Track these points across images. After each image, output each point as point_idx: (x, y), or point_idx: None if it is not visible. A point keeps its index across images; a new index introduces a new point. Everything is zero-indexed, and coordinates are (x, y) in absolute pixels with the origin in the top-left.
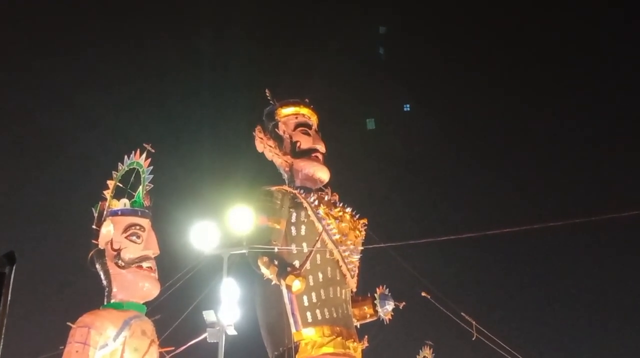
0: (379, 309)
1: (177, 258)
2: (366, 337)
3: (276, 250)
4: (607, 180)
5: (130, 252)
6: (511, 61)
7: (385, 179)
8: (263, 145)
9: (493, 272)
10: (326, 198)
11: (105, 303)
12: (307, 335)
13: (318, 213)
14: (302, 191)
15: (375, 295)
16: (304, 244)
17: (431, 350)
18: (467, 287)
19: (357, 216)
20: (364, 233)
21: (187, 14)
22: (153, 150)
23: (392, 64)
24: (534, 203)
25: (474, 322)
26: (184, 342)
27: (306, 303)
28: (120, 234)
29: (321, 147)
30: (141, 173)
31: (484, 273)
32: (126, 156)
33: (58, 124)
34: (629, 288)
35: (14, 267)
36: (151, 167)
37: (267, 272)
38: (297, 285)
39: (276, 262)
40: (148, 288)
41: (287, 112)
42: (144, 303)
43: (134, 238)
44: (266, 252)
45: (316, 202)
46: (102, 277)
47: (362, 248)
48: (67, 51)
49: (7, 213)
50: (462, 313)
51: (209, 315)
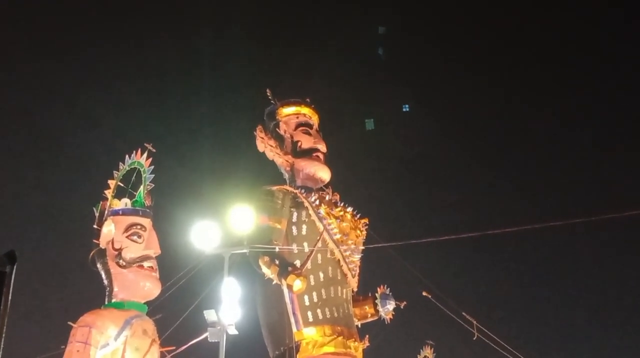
0: (380, 309)
1: (178, 257)
2: (367, 336)
3: (277, 249)
4: (607, 180)
5: (132, 251)
6: (511, 61)
7: (386, 179)
8: (264, 144)
9: (493, 272)
10: (327, 197)
11: (106, 302)
12: (308, 334)
13: (319, 213)
14: (303, 191)
15: (376, 294)
16: (305, 244)
17: (432, 349)
18: (467, 287)
19: (358, 216)
20: (365, 232)
21: (187, 14)
22: (154, 150)
23: (392, 64)
24: (534, 203)
25: (474, 322)
26: (185, 341)
27: (307, 303)
28: (122, 234)
29: (322, 147)
30: (142, 172)
31: (484, 273)
32: (127, 156)
33: (58, 124)
34: (629, 288)
35: (15, 266)
36: (152, 167)
37: (268, 272)
38: (298, 284)
39: (277, 262)
40: (149, 287)
41: (288, 112)
42: (145, 303)
43: (135, 237)
44: (267, 251)
45: (317, 202)
46: (103, 276)
47: (363, 247)
48: (67, 51)
49: (7, 213)
50: (463, 313)
51: (210, 315)
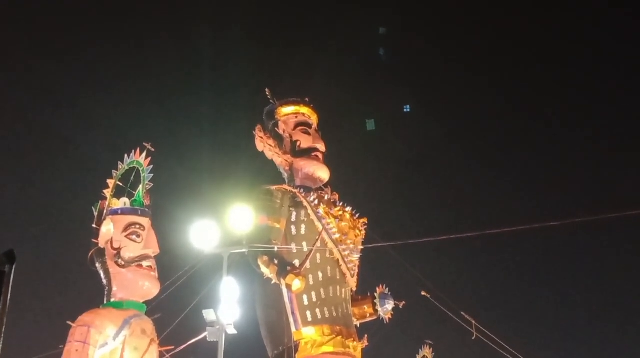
0: (379, 308)
1: (177, 257)
2: (366, 336)
3: (276, 249)
4: (607, 180)
5: (130, 251)
6: (511, 61)
7: (385, 179)
8: (263, 144)
9: (493, 272)
10: (326, 197)
11: (105, 302)
12: (307, 334)
13: (318, 213)
14: (302, 190)
15: (375, 294)
16: (304, 243)
17: (431, 349)
18: (466, 287)
19: (357, 215)
20: (364, 232)
21: (187, 14)
22: (153, 149)
23: (393, 64)
24: (534, 203)
25: (473, 321)
26: (183, 341)
27: (306, 303)
28: (120, 233)
29: (321, 146)
30: (141, 172)
31: (484, 272)
32: (126, 155)
33: (58, 124)
34: (630, 288)
35: (14, 266)
36: (151, 166)
37: (267, 271)
38: (297, 284)
39: (276, 261)
40: (148, 287)
41: (287, 111)
42: (144, 302)
43: (134, 237)
44: (266, 251)
45: (316, 201)
46: (102, 276)
47: (362, 247)
48: (67, 51)
49: (7, 214)
50: (462, 313)
51: (208, 314)
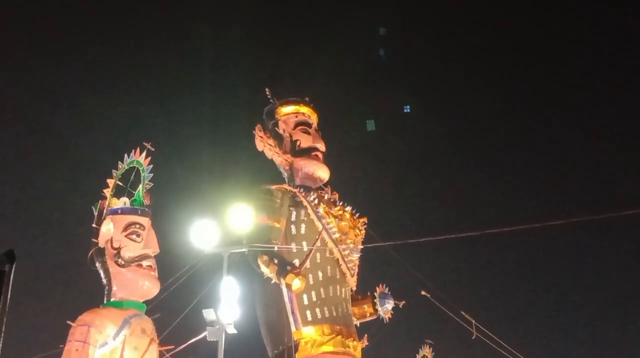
0: (379, 308)
1: (177, 256)
2: (366, 335)
3: (276, 248)
4: (607, 180)
5: (130, 250)
6: (511, 61)
7: (385, 178)
8: (263, 143)
9: (493, 272)
10: (326, 197)
11: (105, 301)
12: (307, 333)
13: (318, 212)
14: (302, 190)
15: (375, 293)
16: (304, 243)
17: (431, 348)
18: (466, 286)
19: (357, 215)
20: (363, 232)
21: (187, 14)
22: (153, 149)
23: (393, 64)
24: (534, 204)
25: (473, 321)
26: (183, 340)
27: (306, 302)
28: (120, 233)
29: (321, 146)
30: (141, 171)
31: (484, 272)
32: (126, 155)
33: (58, 124)
34: (630, 288)
35: (14, 266)
36: (151, 166)
37: (267, 271)
38: (296, 283)
39: (276, 261)
40: (148, 286)
41: (287, 111)
42: (143, 302)
43: (133, 236)
44: (266, 250)
45: (316, 201)
46: (102, 275)
47: (362, 247)
48: (67, 51)
49: (7, 214)
50: (462, 312)
51: (208, 314)
